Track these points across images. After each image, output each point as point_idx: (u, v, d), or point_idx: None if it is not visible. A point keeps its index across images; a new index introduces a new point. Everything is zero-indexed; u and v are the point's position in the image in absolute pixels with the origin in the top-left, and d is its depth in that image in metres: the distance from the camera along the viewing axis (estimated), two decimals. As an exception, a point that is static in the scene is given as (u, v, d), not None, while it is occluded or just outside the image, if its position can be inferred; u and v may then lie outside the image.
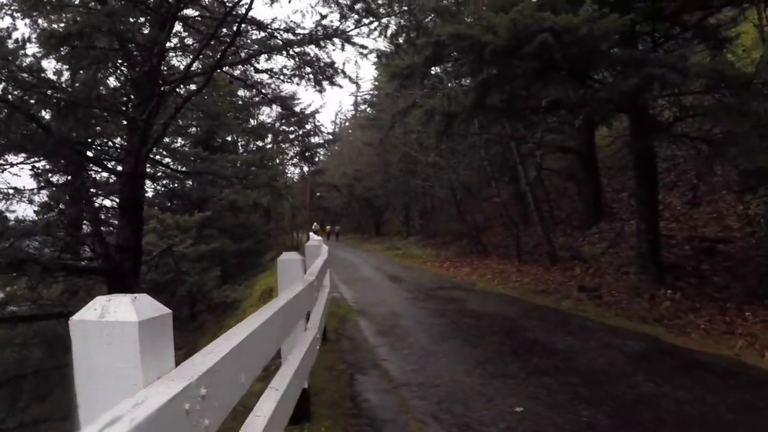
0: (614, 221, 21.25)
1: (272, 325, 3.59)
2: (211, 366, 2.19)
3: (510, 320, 12.19)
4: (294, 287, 5.28)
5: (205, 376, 2.09)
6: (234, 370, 2.59)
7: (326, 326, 10.80)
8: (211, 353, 2.37)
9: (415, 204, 48.49)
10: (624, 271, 16.18)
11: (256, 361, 3.14)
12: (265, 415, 3.49)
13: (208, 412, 2.12)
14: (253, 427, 3.30)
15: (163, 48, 13.63)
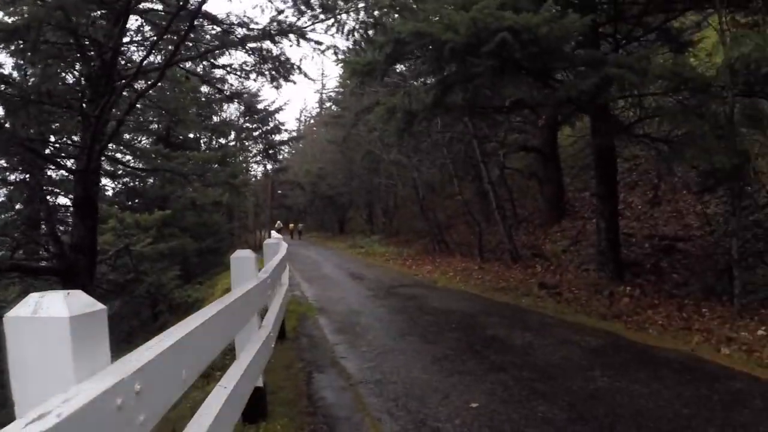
0: (576, 220, 21.39)
1: (216, 323, 3.53)
2: (146, 362, 2.16)
3: (469, 317, 12.14)
4: (245, 285, 5.21)
5: (139, 372, 2.06)
6: (173, 366, 2.56)
7: (286, 324, 10.90)
8: (149, 349, 2.34)
9: (379, 202, 48.41)
10: (584, 268, 16.25)
11: (198, 358, 3.10)
12: (211, 414, 3.43)
13: (144, 408, 2.10)
14: (198, 427, 3.21)
15: (117, 43, 13.44)
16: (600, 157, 14.34)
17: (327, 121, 57.24)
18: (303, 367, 8.58)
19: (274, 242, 11.26)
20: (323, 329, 11.50)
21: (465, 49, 10.72)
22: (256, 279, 5.79)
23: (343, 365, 8.58)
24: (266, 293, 6.45)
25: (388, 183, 38.09)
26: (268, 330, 6.29)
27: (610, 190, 14.18)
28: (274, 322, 7.13)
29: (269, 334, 6.28)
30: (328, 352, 9.49)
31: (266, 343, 5.95)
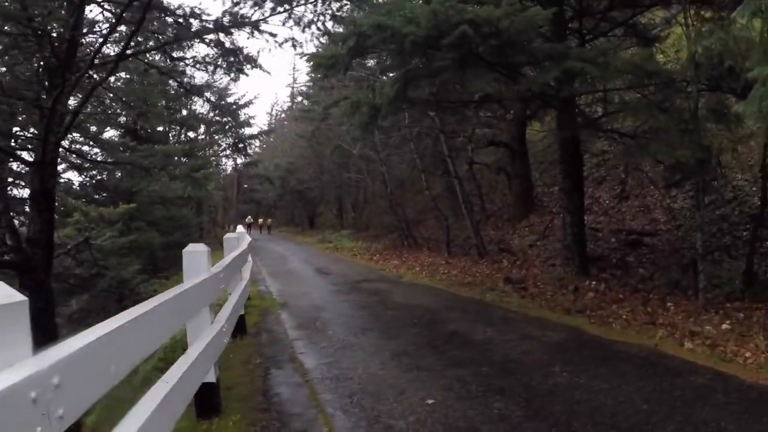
0: (545, 214, 21.46)
1: (153, 318, 3.45)
2: (67, 355, 2.12)
3: (431, 312, 11.98)
4: (194, 279, 5.18)
5: (59, 365, 2.02)
6: (99, 360, 2.51)
7: (247, 320, 10.85)
8: (73, 342, 2.30)
9: (348, 197, 48.48)
10: (551, 263, 16.18)
11: (131, 352, 3.03)
12: (147, 410, 3.23)
13: (63, 402, 2.03)
14: (129, 425, 3.00)
15: (74, 34, 13.16)
16: (565, 151, 14.19)
17: (297, 116, 56.51)
18: (261, 363, 8.39)
19: (234, 237, 11.06)
20: (284, 324, 11.33)
21: (426, 42, 10.62)
22: (208, 273, 5.64)
23: (301, 361, 8.40)
24: (219, 287, 6.31)
25: (357, 178, 37.87)
26: (220, 324, 6.18)
27: (576, 184, 14.06)
28: (229, 316, 6.98)
29: (222, 328, 6.16)
30: (288, 348, 9.31)
31: (218, 338, 5.83)
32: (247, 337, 10.06)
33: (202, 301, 5.45)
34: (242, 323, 10.16)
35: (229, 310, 7.22)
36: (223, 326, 6.32)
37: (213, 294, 6.03)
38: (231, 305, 7.56)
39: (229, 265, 7.40)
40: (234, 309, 7.78)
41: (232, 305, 7.66)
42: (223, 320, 6.46)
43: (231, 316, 7.27)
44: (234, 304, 7.88)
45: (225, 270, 6.78)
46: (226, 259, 7.83)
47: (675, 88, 10.81)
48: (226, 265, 7.06)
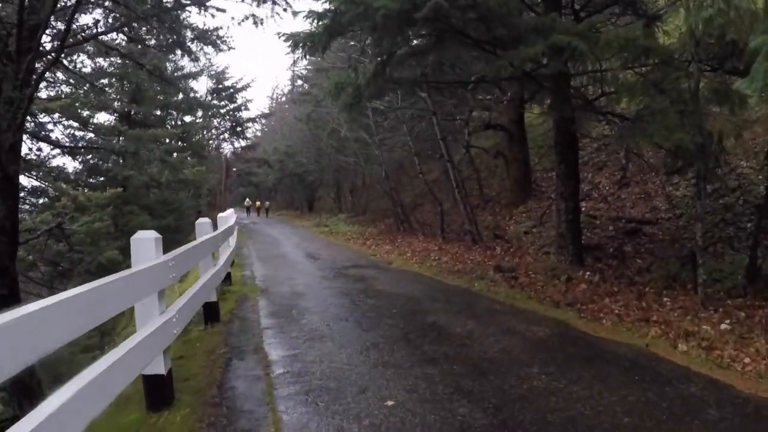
0: (542, 200, 20.75)
1: (67, 306, 3.30)
2: None
3: (414, 301, 11.42)
4: (136, 267, 5.10)
5: None
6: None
7: (223, 306, 10.74)
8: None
9: (346, 181, 48.29)
10: (545, 251, 15.60)
11: (34, 347, 2.87)
12: (53, 405, 3.04)
13: None
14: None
15: (22, 18, 12.69)
16: (560, 134, 13.54)
17: (296, 99, 56.65)
18: (225, 353, 8.00)
19: (207, 222, 10.48)
20: (260, 312, 10.87)
21: (399, 17, 9.97)
22: (156, 260, 5.48)
23: (266, 352, 7.99)
24: (166, 276, 5.83)
25: (352, 161, 37.20)
26: (170, 315, 5.85)
27: (571, 169, 13.42)
28: (183, 306, 6.59)
29: (172, 318, 5.89)
30: (256, 337, 8.86)
31: (166, 328, 5.59)
32: (218, 325, 9.69)
33: (144, 291, 5.19)
34: (215, 310, 9.90)
35: (185, 299, 6.85)
36: (174, 316, 5.97)
37: (159, 282, 5.62)
38: (189, 294, 7.21)
39: (183, 253, 6.90)
40: (194, 298, 7.40)
41: (191, 294, 7.28)
42: (175, 311, 6.07)
43: (187, 306, 6.86)
44: (195, 293, 7.51)
45: (177, 258, 6.32)
46: (179, 249, 7.14)
47: (674, 67, 10.11)
48: (180, 254, 6.58)
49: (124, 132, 28.91)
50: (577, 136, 14.24)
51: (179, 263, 6.43)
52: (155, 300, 5.55)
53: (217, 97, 53.09)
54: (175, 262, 6.15)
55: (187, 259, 7.23)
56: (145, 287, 5.24)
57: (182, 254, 6.70)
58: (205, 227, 10.13)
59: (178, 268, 6.35)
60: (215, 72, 51.95)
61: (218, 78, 52.75)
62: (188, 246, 7.46)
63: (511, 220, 21.11)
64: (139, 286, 5.01)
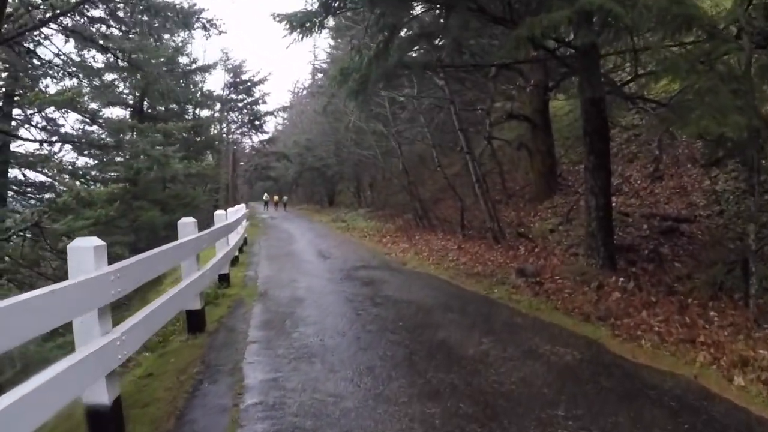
0: (569, 195, 19.53)
1: None
2: None
3: (424, 311, 10.13)
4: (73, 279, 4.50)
5: None
6: None
7: (213, 313, 10.34)
8: None
9: (366, 175, 47.75)
10: (572, 252, 14.27)
11: None
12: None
13: None
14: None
15: None
16: (589, 121, 12.16)
17: (314, 92, 56.37)
18: (198, 373, 7.05)
19: (191, 222, 9.15)
20: (250, 321, 9.86)
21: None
22: (94, 273, 4.73)
23: (244, 373, 6.94)
24: (107, 292, 4.91)
25: (370, 154, 36.31)
26: (113, 336, 4.99)
27: (602, 160, 12.05)
28: (134, 326, 5.60)
29: (114, 341, 4.97)
30: (238, 354, 7.82)
31: (107, 352, 4.81)
32: (202, 336, 8.87)
33: (79, 306, 4.54)
34: (200, 319, 9.14)
35: (139, 317, 5.87)
36: (120, 338, 5.09)
37: (98, 298, 4.83)
38: (147, 311, 6.14)
39: (138, 264, 5.89)
40: (154, 314, 6.40)
41: (150, 311, 6.21)
42: (120, 332, 5.16)
43: (142, 325, 5.87)
44: (156, 307, 6.47)
45: (126, 270, 5.38)
46: (135, 258, 6.04)
47: (723, 39, 8.76)
48: (129, 265, 5.55)
49: (133, 126, 28.31)
50: (608, 123, 12.84)
51: (127, 276, 5.38)
52: (95, 318, 4.80)
53: (234, 90, 52.47)
54: (121, 275, 5.16)
55: (141, 271, 6.01)
56: (80, 304, 4.52)
57: (132, 266, 5.62)
58: (188, 227, 8.97)
59: (125, 282, 5.29)
60: (232, 66, 51.50)
61: (235, 72, 52.20)
62: (144, 255, 6.24)
63: (536, 216, 19.86)
64: (70, 302, 4.32)
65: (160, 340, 8.89)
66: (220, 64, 50.42)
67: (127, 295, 5.09)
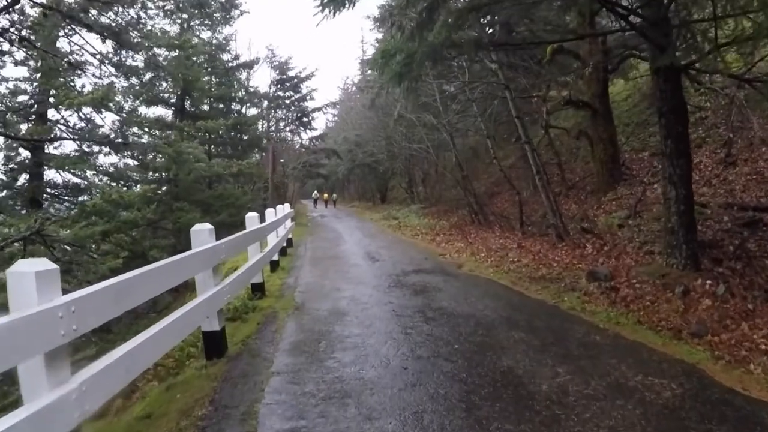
0: (634, 185, 18.20)
1: None
2: None
3: (484, 328, 8.68)
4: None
5: None
6: None
7: (241, 330, 9.31)
8: None
9: (418, 170, 46.90)
10: (647, 250, 12.79)
11: None
12: None
13: None
14: None
15: None
16: (665, 98, 10.65)
17: (363, 87, 55.70)
18: (201, 417, 5.83)
19: (204, 230, 7.81)
20: (279, 343, 8.46)
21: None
22: (36, 306, 3.71)
23: (258, 420, 5.64)
24: (55, 331, 3.85)
25: (421, 148, 35.26)
26: (72, 386, 3.92)
27: (682, 145, 10.58)
28: (96, 375, 4.29)
29: (72, 392, 3.88)
30: (257, 390, 6.50)
31: (65, 410, 3.80)
32: (220, 363, 7.56)
33: (14, 351, 3.51)
34: (219, 341, 7.89)
35: (107, 362, 4.47)
36: (80, 388, 3.98)
37: (40, 340, 3.76)
38: (119, 353, 4.68)
39: (109, 289, 4.55)
40: (133, 355, 4.92)
41: (122, 354, 4.71)
42: (78, 381, 3.99)
43: (107, 372, 4.43)
44: (139, 344, 5.02)
45: (84, 302, 4.15)
46: (123, 277, 4.86)
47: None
48: (91, 294, 4.29)
49: (171, 124, 27.78)
50: (685, 102, 11.33)
51: (89, 309, 4.23)
52: (40, 361, 3.77)
53: (281, 87, 51.84)
54: (79, 308, 4.05)
55: (112, 299, 4.61)
56: (17, 348, 3.52)
57: (96, 295, 4.37)
58: (202, 235, 7.70)
59: (86, 316, 4.18)
60: (278, 62, 50.86)
61: (281, 68, 51.55)
62: (119, 279, 4.80)
63: (600, 209, 18.45)
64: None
65: (173, 366, 7.78)
66: (266, 61, 50.42)
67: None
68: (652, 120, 20.51)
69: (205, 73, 39.44)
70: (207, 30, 42.34)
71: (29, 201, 26.01)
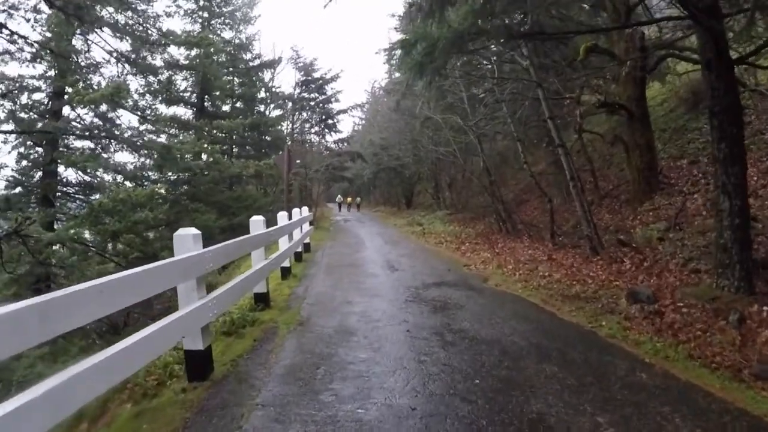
0: (673, 195, 16.96)
1: None
2: None
3: (510, 359, 7.41)
4: None
5: None
6: None
7: (236, 347, 8.29)
8: None
9: (444, 175, 45.91)
10: (693, 268, 11.51)
11: None
12: None
13: None
14: None
15: None
16: (717, 96, 9.43)
17: (389, 89, 55.94)
18: None
19: (187, 236, 6.70)
20: (273, 366, 7.38)
21: None
22: None
23: None
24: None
25: (447, 152, 34.19)
26: None
27: (736, 150, 9.36)
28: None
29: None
30: (232, 429, 5.45)
31: None
32: (202, 387, 6.56)
33: None
34: (203, 362, 6.87)
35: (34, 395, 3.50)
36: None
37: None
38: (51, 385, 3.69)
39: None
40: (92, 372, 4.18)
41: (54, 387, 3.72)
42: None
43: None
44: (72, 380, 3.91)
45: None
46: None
47: None
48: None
49: (187, 123, 27.41)
50: (740, 101, 10.13)
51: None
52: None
53: (306, 89, 51.27)
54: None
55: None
56: None
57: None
58: (186, 242, 6.61)
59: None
60: (303, 63, 50.34)
61: (306, 69, 50.98)
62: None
63: (636, 220, 17.23)
64: None
65: (153, 387, 6.69)
66: (291, 62, 50.13)
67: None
68: (690, 125, 19.80)
69: (226, 72, 39.49)
70: (228, 29, 42.96)
71: (41, 199, 25.84)
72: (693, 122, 20.15)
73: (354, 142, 63.01)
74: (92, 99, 23.63)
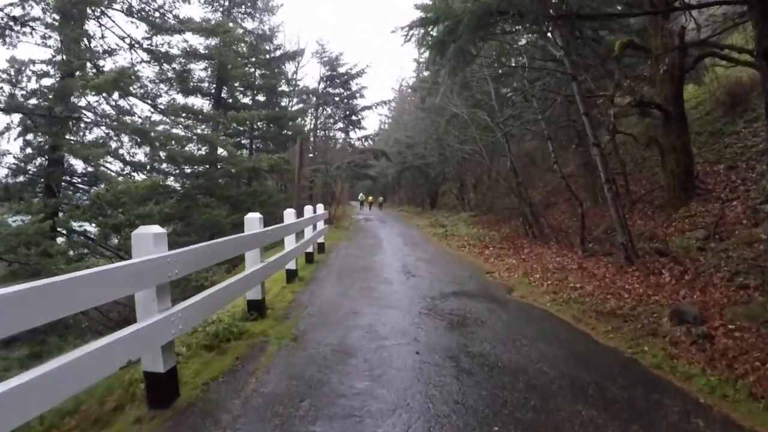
0: (710, 202, 15.95)
1: None
2: None
3: (539, 398, 6.09)
4: None
5: None
6: None
7: (209, 366, 7.10)
8: None
9: (470, 175, 45.07)
10: (741, 283, 10.28)
11: None
12: None
13: None
14: None
15: None
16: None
17: (416, 86, 55.57)
18: None
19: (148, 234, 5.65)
20: (249, 397, 6.13)
21: None
22: None
23: None
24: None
25: (473, 150, 33.15)
26: None
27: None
28: None
29: None
30: None
31: None
32: (162, 416, 5.49)
33: None
34: (165, 386, 5.80)
35: None
36: None
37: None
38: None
39: None
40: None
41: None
42: None
43: None
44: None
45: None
46: None
47: None
48: None
49: (199, 112, 26.76)
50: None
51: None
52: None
53: (330, 84, 50.69)
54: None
55: None
56: None
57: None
58: (146, 243, 5.68)
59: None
60: (328, 58, 49.75)
61: (331, 64, 50.35)
62: None
63: (671, 227, 16.19)
64: None
65: (110, 411, 5.62)
66: (316, 56, 49.70)
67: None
68: (727, 129, 19.00)
69: (247, 63, 39.02)
70: (250, 18, 42.70)
71: (45, 188, 25.37)
72: (730, 126, 19.21)
73: (379, 141, 62.80)
74: (97, 84, 22.94)
